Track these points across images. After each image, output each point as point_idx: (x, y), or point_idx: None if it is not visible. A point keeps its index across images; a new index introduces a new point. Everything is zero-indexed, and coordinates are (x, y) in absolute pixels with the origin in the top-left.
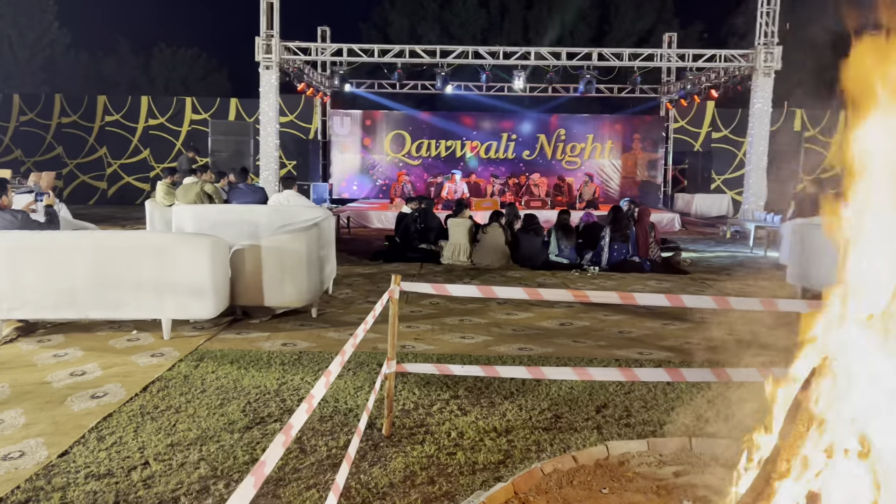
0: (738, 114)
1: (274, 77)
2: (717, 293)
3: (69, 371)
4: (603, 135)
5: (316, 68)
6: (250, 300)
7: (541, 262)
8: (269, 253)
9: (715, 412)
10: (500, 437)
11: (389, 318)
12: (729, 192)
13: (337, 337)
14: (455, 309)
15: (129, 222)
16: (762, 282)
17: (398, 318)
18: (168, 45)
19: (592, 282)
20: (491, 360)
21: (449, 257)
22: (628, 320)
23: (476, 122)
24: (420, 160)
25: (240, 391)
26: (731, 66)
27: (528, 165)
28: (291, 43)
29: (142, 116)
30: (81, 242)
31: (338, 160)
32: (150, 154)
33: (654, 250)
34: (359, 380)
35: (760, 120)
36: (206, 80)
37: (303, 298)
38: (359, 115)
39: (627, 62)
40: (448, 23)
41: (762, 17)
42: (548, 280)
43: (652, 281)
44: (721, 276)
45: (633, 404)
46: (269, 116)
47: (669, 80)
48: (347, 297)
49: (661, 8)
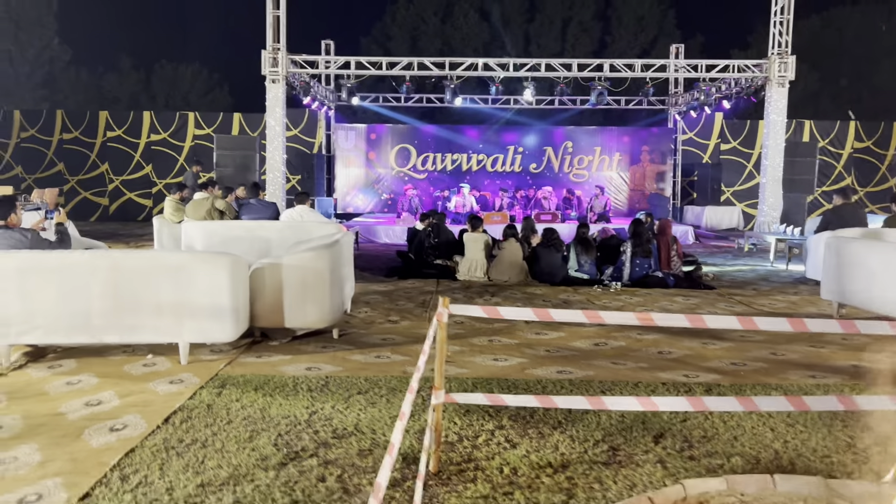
0: (747, 125)
1: (281, 91)
2: (749, 310)
3: (84, 400)
4: (611, 147)
5: (320, 82)
6: (270, 322)
7: (560, 278)
8: (291, 272)
9: (782, 443)
10: (558, 473)
11: (437, 344)
12: (739, 204)
13: (363, 360)
14: (481, 328)
15: (133, 239)
16: (793, 297)
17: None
18: (169, 61)
19: (618, 298)
20: (530, 385)
21: (465, 273)
22: (665, 340)
23: (482, 134)
24: (426, 174)
25: (268, 421)
26: (744, 77)
27: (534, 178)
28: (298, 56)
29: (144, 132)
30: (96, 262)
31: (342, 174)
32: (153, 170)
33: (677, 264)
34: (394, 408)
35: (775, 131)
36: (208, 97)
37: (325, 319)
38: (363, 129)
39: (640, 73)
40: (449, 37)
41: (775, 26)
42: (572, 297)
43: (679, 297)
44: (747, 290)
45: (691, 434)
46: (276, 131)
47: (677, 92)
48: (367, 316)
49: (663, 20)
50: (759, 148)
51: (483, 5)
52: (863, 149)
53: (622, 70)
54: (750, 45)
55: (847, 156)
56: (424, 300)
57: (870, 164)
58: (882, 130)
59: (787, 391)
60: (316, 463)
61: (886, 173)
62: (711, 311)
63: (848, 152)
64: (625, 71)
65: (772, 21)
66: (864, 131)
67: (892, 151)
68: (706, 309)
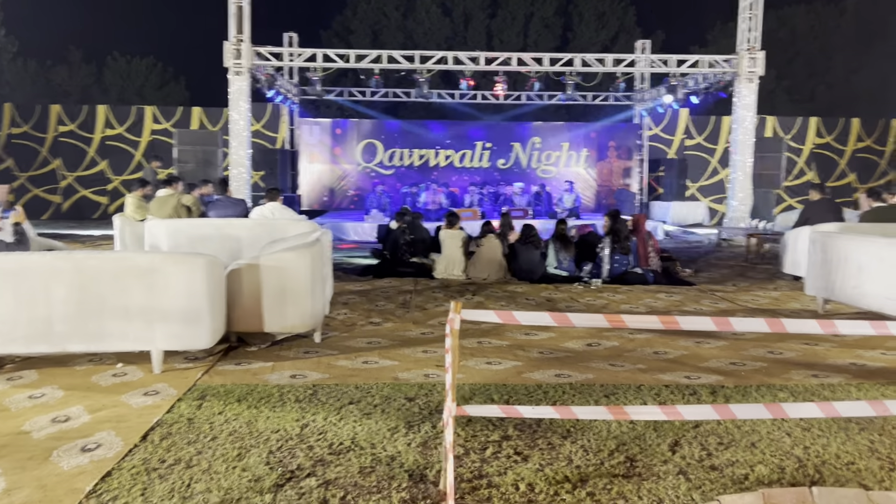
0: (712, 121)
1: (245, 83)
2: (734, 306)
3: (50, 416)
4: (578, 142)
5: (283, 75)
6: (248, 326)
7: (539, 275)
8: (270, 273)
9: (803, 449)
10: (577, 489)
11: (451, 352)
12: (704, 199)
13: (350, 366)
14: (469, 329)
15: (91, 239)
16: (773, 293)
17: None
18: (122, 53)
19: (601, 295)
20: (531, 391)
21: (442, 271)
22: (658, 340)
23: (449, 130)
24: (393, 170)
25: (257, 437)
26: (713, 72)
27: (502, 174)
28: (262, 48)
29: (98, 127)
30: (58, 265)
31: (307, 171)
32: (109, 166)
33: (654, 260)
34: (391, 418)
35: (744, 126)
36: (163, 90)
37: (307, 323)
38: (328, 124)
39: (611, 68)
40: (411, 31)
41: (744, 22)
42: (554, 295)
43: (661, 294)
44: (727, 286)
45: (707, 441)
46: (240, 125)
47: (643, 88)
48: (347, 318)
49: (624, 17)
50: (723, 143)
51: (445, 0)
52: (823, 144)
53: (593, 65)
54: (709, 42)
55: (808, 151)
56: (404, 300)
57: (829, 159)
58: (841, 126)
59: (793, 392)
60: (315, 483)
61: (846, 169)
62: (697, 307)
63: (809, 148)
64: (596, 66)
65: (740, 17)
66: (824, 127)
67: (851, 147)
68: (691, 306)
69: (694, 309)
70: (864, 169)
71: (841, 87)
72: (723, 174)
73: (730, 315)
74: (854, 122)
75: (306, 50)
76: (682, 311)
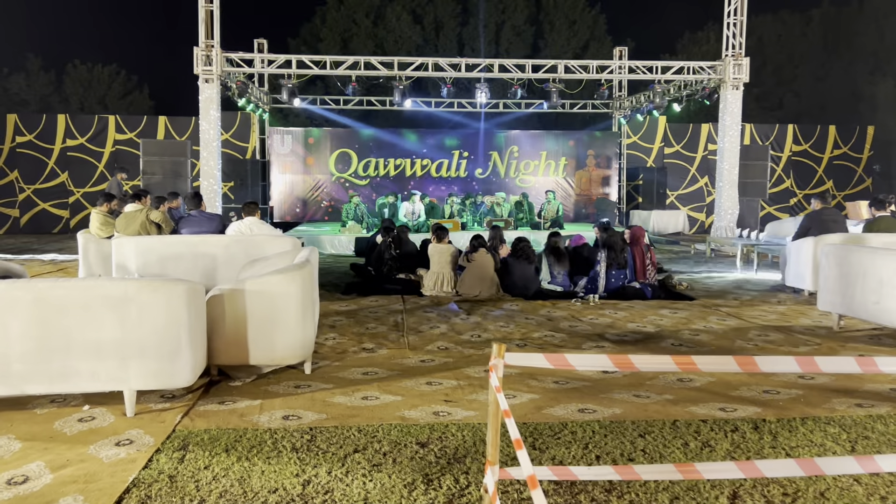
0: (690, 129)
1: (215, 91)
2: (743, 323)
3: (6, 477)
4: (556, 151)
5: (254, 82)
6: (231, 358)
7: (534, 291)
8: (256, 299)
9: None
10: None
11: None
12: (683, 207)
13: (348, 403)
14: (472, 356)
15: (51, 254)
16: (779, 307)
17: (411, 373)
18: (83, 61)
19: (602, 312)
20: (555, 430)
21: (431, 288)
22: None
23: (426, 139)
24: (368, 179)
25: (252, 498)
26: (695, 79)
27: (480, 184)
28: (234, 54)
29: (59, 137)
30: (16, 295)
31: (279, 181)
32: (69, 178)
33: (652, 274)
34: (405, 471)
35: (731, 134)
36: (127, 99)
37: (297, 354)
38: (300, 133)
39: (595, 74)
40: (381, 39)
41: (729, 28)
42: (553, 312)
43: (664, 310)
44: (728, 300)
45: (770, 491)
46: (210, 135)
47: (621, 95)
48: (337, 343)
49: (594, 25)
50: (701, 151)
51: (416, 8)
52: (801, 152)
53: (577, 71)
54: (678, 51)
55: (786, 159)
56: (396, 321)
57: (807, 166)
58: (818, 133)
59: (843, 426)
60: None
61: (823, 176)
62: (706, 325)
63: (787, 155)
64: (579, 72)
65: (725, 23)
66: (801, 134)
67: (828, 154)
68: (699, 323)
69: (703, 327)
70: (841, 176)
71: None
72: (702, 182)
73: (742, 332)
74: (831, 129)
75: (280, 56)
76: (691, 329)
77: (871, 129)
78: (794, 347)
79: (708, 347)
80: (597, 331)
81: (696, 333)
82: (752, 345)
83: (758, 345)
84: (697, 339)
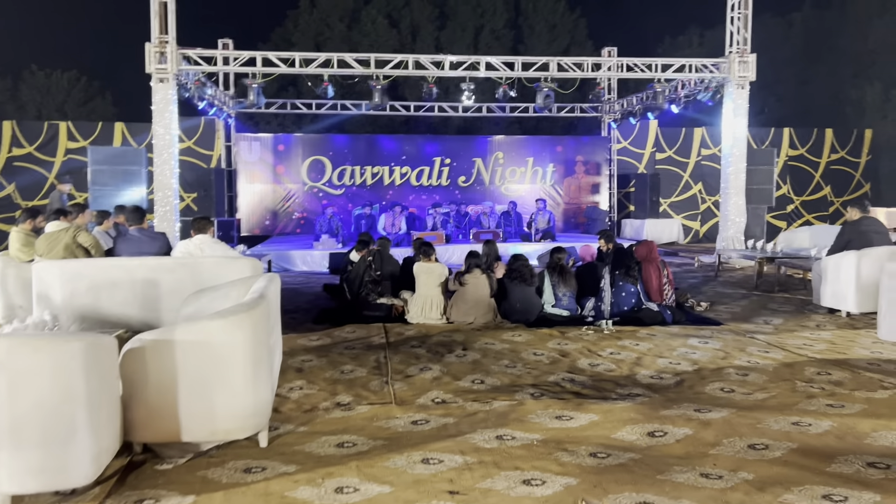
0: (683, 133)
1: (170, 91)
2: (791, 355)
3: None
4: (544, 157)
5: (218, 85)
6: (157, 433)
7: (536, 316)
8: (189, 352)
9: None
10: None
11: None
12: (676, 216)
13: (318, 496)
14: (477, 413)
15: None
16: (822, 332)
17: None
18: (40, 67)
19: (622, 344)
20: None
21: (418, 315)
22: (742, 420)
23: (404, 145)
24: (343, 189)
25: None
26: (695, 77)
27: (463, 192)
28: (192, 50)
29: (4, 145)
30: None
31: (246, 192)
32: (16, 190)
33: (669, 294)
34: None
35: (737, 136)
36: (88, 106)
37: (246, 425)
38: (269, 140)
39: (590, 73)
40: (356, 43)
41: (733, 23)
42: (565, 345)
43: (692, 339)
44: (758, 324)
45: None
46: (166, 140)
47: (611, 98)
48: (304, 397)
49: (574, 29)
50: (695, 157)
51: (392, 11)
52: (797, 156)
53: (570, 69)
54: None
55: (782, 164)
56: (378, 361)
57: (804, 171)
58: (815, 137)
59: None
60: None
61: (821, 181)
62: (750, 360)
63: (783, 160)
64: (573, 70)
65: (728, 17)
66: (797, 138)
67: (825, 159)
68: (740, 357)
69: (748, 363)
70: (839, 181)
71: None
72: (695, 189)
73: (797, 370)
74: (827, 133)
75: (243, 53)
76: (735, 367)
77: (869, 132)
78: (871, 392)
79: (767, 392)
80: (623, 370)
81: (743, 373)
82: (818, 388)
83: (824, 388)
84: (749, 381)
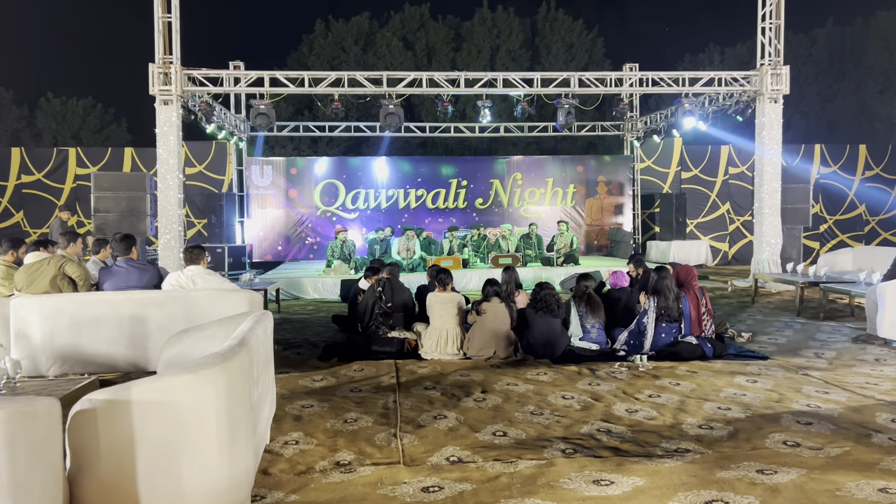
0: (709, 151)
1: (174, 113)
2: (855, 396)
3: None
4: (564, 178)
5: (229, 108)
6: None
7: (562, 351)
8: (149, 416)
9: None
10: None
11: None
12: (704, 237)
13: None
14: (500, 477)
15: None
16: (885, 368)
17: None
18: (56, 94)
19: (660, 384)
20: None
21: (433, 349)
22: (811, 483)
23: (420, 167)
24: (357, 213)
25: None
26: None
27: (481, 215)
28: (197, 71)
29: (13, 172)
30: None
31: (258, 217)
32: (25, 217)
33: (709, 325)
34: None
35: (771, 153)
36: (102, 133)
37: (221, 501)
38: (282, 164)
39: (613, 88)
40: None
41: (764, 34)
42: (597, 385)
43: (739, 377)
44: (809, 357)
45: None
46: (170, 164)
47: (633, 116)
48: (299, 454)
49: (592, 49)
50: (722, 175)
51: (407, 34)
52: (829, 174)
53: (592, 84)
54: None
55: (813, 182)
56: (386, 407)
57: (837, 189)
58: (848, 154)
59: None
60: None
61: (855, 199)
62: (810, 404)
63: (814, 178)
64: (595, 85)
65: (759, 28)
66: (829, 155)
67: (858, 176)
68: (797, 399)
69: (808, 407)
70: (873, 199)
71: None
72: (723, 209)
73: (867, 415)
74: (861, 149)
75: (251, 73)
76: (794, 412)
77: None
78: None
79: (839, 446)
80: (667, 418)
81: (807, 421)
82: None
83: None
84: (815, 432)
